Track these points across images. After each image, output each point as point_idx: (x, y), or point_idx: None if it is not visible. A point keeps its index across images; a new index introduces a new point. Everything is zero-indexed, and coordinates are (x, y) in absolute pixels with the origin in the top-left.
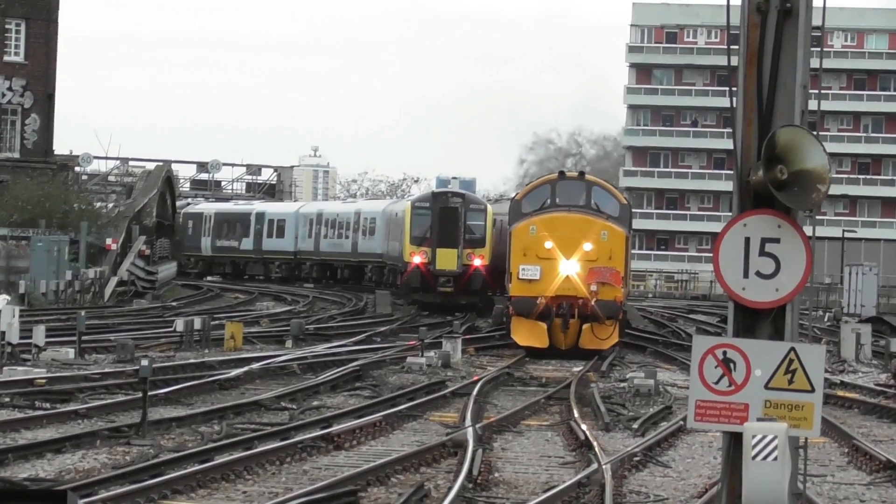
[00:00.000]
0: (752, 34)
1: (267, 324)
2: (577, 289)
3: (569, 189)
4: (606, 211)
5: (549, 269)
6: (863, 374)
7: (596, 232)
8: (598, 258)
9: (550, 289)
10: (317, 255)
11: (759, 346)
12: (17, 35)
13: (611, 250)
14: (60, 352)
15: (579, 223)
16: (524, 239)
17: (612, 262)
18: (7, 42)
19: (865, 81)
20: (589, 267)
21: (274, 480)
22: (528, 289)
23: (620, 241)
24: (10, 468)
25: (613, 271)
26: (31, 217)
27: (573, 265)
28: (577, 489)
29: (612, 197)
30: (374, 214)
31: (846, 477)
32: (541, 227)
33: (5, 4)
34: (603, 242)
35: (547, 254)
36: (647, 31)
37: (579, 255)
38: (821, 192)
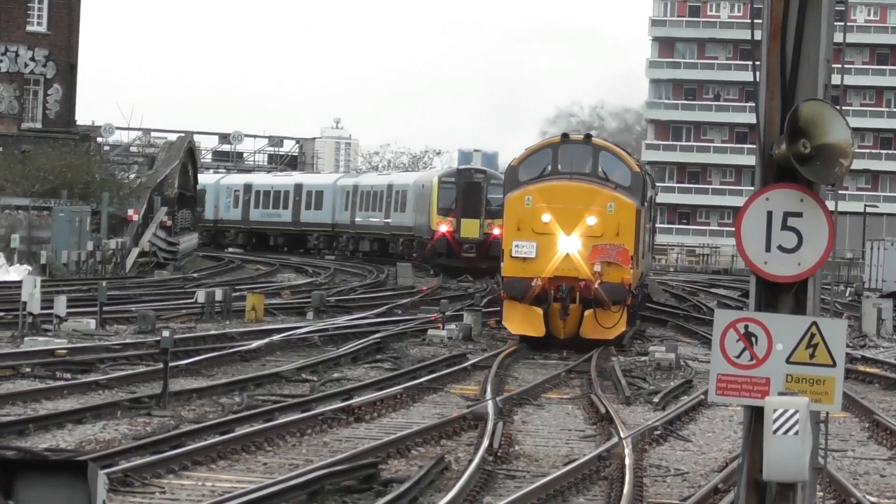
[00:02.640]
0: (776, 8)
1: (288, 295)
2: (579, 269)
3: (573, 154)
4: (615, 180)
5: (547, 245)
6: (884, 350)
7: (601, 203)
8: (604, 234)
9: (548, 269)
10: (352, 227)
11: (780, 321)
12: (39, 5)
13: (618, 225)
14: (81, 322)
15: (582, 193)
16: (518, 211)
17: (620, 238)
18: (30, 12)
19: (888, 56)
20: (592, 244)
21: (294, 452)
22: (523, 268)
23: (630, 214)
24: (31, 438)
25: (621, 249)
26: (52, 187)
27: (574, 242)
28: (598, 462)
29: (622, 163)
30: (404, 187)
31: (867, 452)
32: (537, 198)
33: None
34: (609, 216)
35: (544, 228)
36: (669, 5)
37: (581, 230)
38: (843, 166)
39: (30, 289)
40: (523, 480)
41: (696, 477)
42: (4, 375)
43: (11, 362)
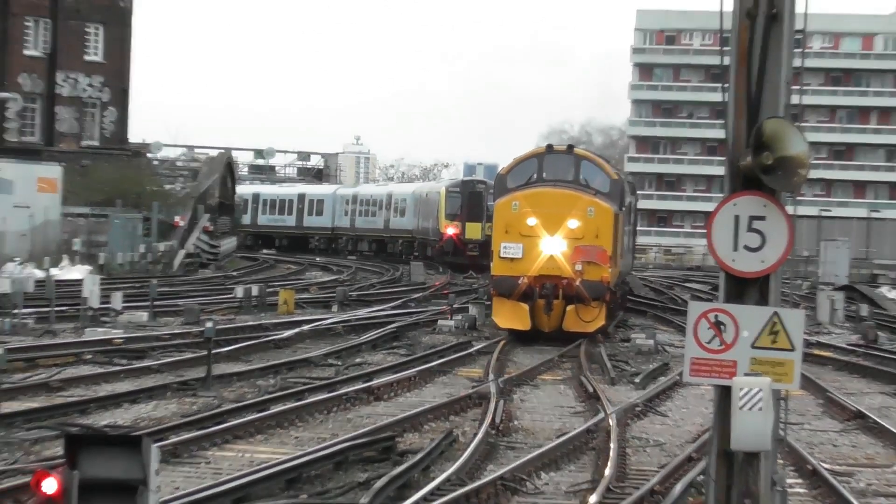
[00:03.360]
0: (743, 37)
1: (315, 291)
2: (562, 268)
3: (556, 163)
4: (595, 186)
5: (532, 247)
6: (836, 336)
7: (582, 208)
8: (585, 236)
9: (533, 268)
10: (352, 230)
11: (746, 311)
12: (96, 37)
13: (598, 228)
14: (135, 315)
15: (564, 199)
16: (506, 215)
17: (599, 240)
18: (87, 44)
19: (841, 79)
20: (574, 245)
21: (322, 427)
22: (510, 268)
23: (608, 217)
24: (92, 416)
25: (600, 250)
26: (109, 197)
27: (557, 243)
28: (587, 435)
29: (602, 172)
30: (402, 196)
31: (821, 425)
32: (523, 203)
33: (86, 11)
34: (590, 219)
35: (530, 231)
36: (649, 35)
37: (564, 232)
38: (802, 175)
39: (90, 286)
40: (522, 451)
41: (673, 447)
42: (68, 362)
43: (75, 350)
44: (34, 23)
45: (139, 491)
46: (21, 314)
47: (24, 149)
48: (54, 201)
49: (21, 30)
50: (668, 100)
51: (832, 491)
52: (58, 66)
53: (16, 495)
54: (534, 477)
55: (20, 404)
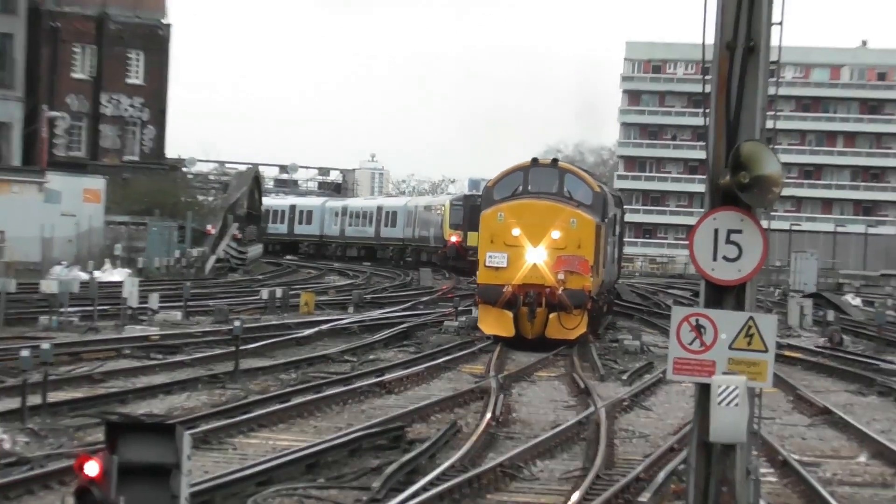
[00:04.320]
0: (723, 67)
1: (333, 293)
2: (544, 277)
3: (541, 176)
4: (578, 198)
5: (516, 256)
6: (805, 338)
7: (564, 219)
8: (567, 246)
9: (517, 277)
10: (342, 238)
11: (724, 315)
12: (137, 63)
13: (580, 238)
14: (170, 314)
15: (547, 210)
16: (492, 226)
17: (581, 250)
18: (129, 68)
19: (810, 105)
20: (557, 255)
21: (338, 417)
22: (495, 276)
23: (590, 229)
24: (130, 406)
25: (582, 260)
26: (147, 207)
27: (540, 253)
28: (578, 427)
29: (584, 184)
30: (394, 209)
31: (791, 419)
32: (508, 214)
33: (128, 38)
34: (572, 230)
35: (514, 241)
36: (637, 64)
37: (547, 242)
38: (776, 193)
39: (129, 287)
40: (519, 441)
41: (657, 439)
42: (109, 356)
43: (115, 345)
44: (81, 49)
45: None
46: (67, 312)
47: (71, 163)
48: (98, 211)
49: (69, 55)
50: (653, 123)
51: (801, 480)
52: (102, 88)
53: (60, 477)
54: (530, 464)
55: (65, 394)
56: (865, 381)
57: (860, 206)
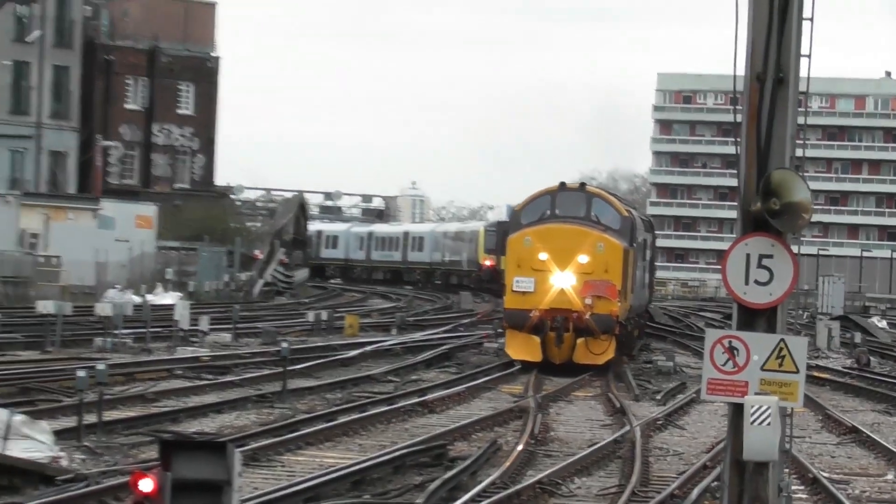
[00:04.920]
0: (753, 97)
1: (377, 316)
2: (572, 302)
3: (569, 200)
4: (606, 223)
5: (543, 281)
6: (833, 359)
7: (591, 244)
8: (594, 271)
9: (544, 301)
10: (367, 262)
11: (756, 338)
12: (187, 94)
13: (607, 263)
14: (220, 336)
15: (574, 235)
16: (519, 250)
17: (609, 275)
18: (180, 99)
19: (836, 134)
20: (584, 280)
21: (382, 436)
22: (522, 301)
23: (618, 253)
24: (182, 424)
25: (609, 284)
26: (197, 233)
27: (568, 277)
28: (614, 445)
29: (612, 209)
30: (421, 234)
31: (820, 438)
32: (535, 239)
33: (179, 71)
34: (599, 255)
35: (541, 265)
36: (668, 95)
37: (574, 267)
38: (805, 219)
39: (181, 310)
40: (557, 458)
41: (690, 456)
42: (161, 376)
43: (167, 366)
44: (134, 81)
45: (224, 490)
46: (121, 334)
47: (124, 190)
48: (150, 236)
49: (123, 87)
50: (684, 151)
51: (831, 497)
52: (154, 118)
53: (116, 493)
54: (568, 481)
55: (120, 413)
56: (892, 400)
57: (885, 231)
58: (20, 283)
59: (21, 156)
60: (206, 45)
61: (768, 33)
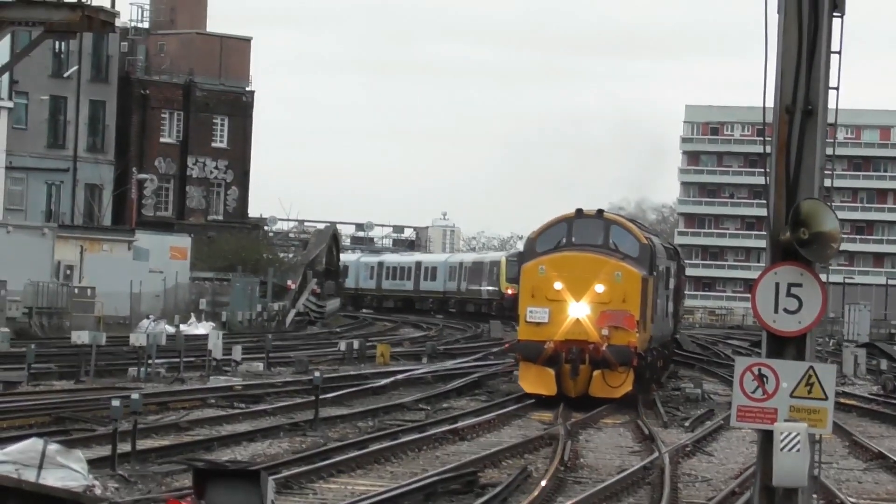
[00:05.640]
0: (782, 129)
1: (408, 345)
2: (588, 332)
3: (586, 228)
4: (624, 251)
5: (558, 311)
6: (860, 386)
7: (609, 273)
8: (611, 300)
9: (559, 332)
10: (378, 291)
11: (785, 365)
12: (222, 127)
13: (625, 292)
14: (253, 365)
15: (591, 263)
16: (533, 279)
17: (627, 304)
18: (214, 132)
19: (861, 164)
20: (600, 310)
21: (414, 464)
22: (536, 332)
23: (636, 282)
24: (215, 453)
25: (627, 315)
26: (230, 264)
27: (583, 307)
28: (643, 472)
29: (631, 236)
30: (434, 264)
31: (847, 464)
32: (550, 267)
33: (214, 105)
34: (617, 284)
35: (556, 295)
36: (696, 126)
37: (590, 296)
38: (834, 248)
39: (214, 340)
40: (587, 485)
41: (718, 483)
42: (195, 405)
43: (200, 395)
44: (169, 115)
45: None
46: (155, 364)
47: (159, 222)
48: (184, 267)
49: (159, 121)
50: (712, 182)
51: None
52: (189, 151)
53: None
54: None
55: (154, 442)
56: None
57: None
58: (55, 314)
59: (57, 188)
60: (241, 80)
61: (797, 66)
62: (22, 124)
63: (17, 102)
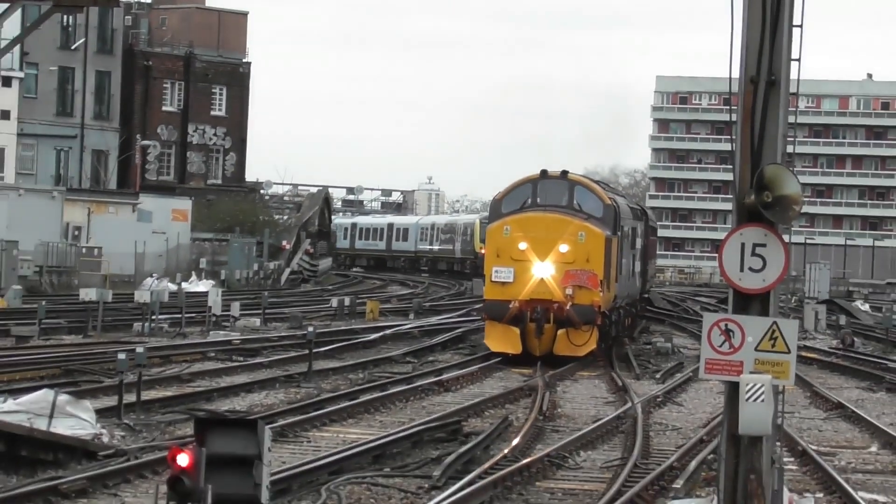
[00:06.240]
0: (747, 98)
1: (396, 302)
2: (552, 292)
3: (550, 189)
4: (587, 211)
5: (523, 271)
6: (820, 340)
7: (572, 233)
8: (575, 260)
9: (524, 292)
10: (351, 250)
11: (751, 320)
12: (220, 97)
13: (588, 252)
14: (250, 321)
15: (555, 223)
16: (498, 240)
17: (590, 264)
18: (213, 102)
19: (821, 132)
20: (564, 269)
21: (401, 413)
22: (501, 292)
23: (599, 242)
24: (215, 403)
25: (591, 274)
26: (229, 225)
27: (548, 267)
28: (617, 421)
29: (595, 196)
30: (406, 226)
31: (808, 414)
32: (514, 228)
33: (213, 76)
34: (580, 244)
35: (521, 255)
36: (666, 96)
37: (554, 256)
38: (796, 211)
39: (213, 297)
40: (564, 433)
41: (688, 431)
42: (196, 358)
43: (201, 349)
44: (171, 85)
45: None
46: (158, 320)
47: (161, 186)
48: (185, 228)
49: (161, 91)
50: (681, 148)
51: (819, 468)
52: (189, 119)
53: (154, 467)
54: (574, 455)
55: (157, 393)
56: (875, 378)
57: (867, 221)
58: (64, 273)
59: (66, 154)
60: (237, 52)
61: (761, 40)
62: (32, 93)
63: (27, 73)
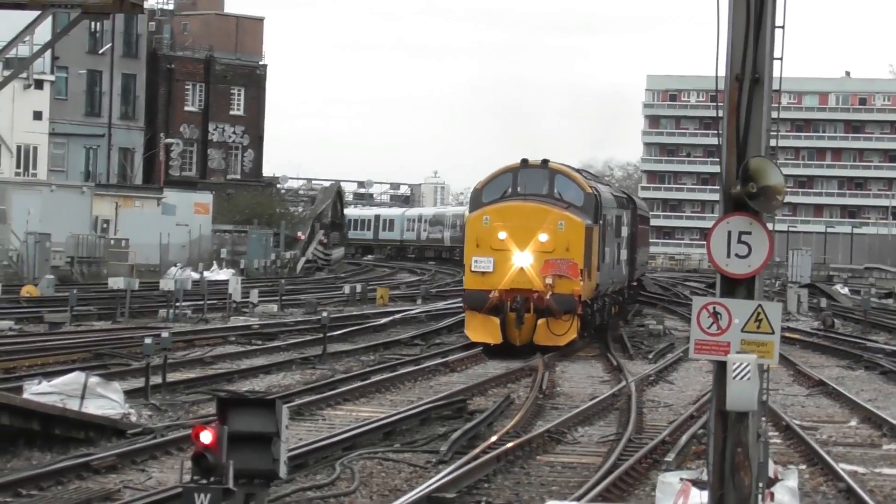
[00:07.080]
0: (733, 95)
1: (404, 288)
2: (532, 281)
3: (531, 177)
4: (568, 200)
5: (503, 260)
6: (802, 322)
7: (552, 222)
8: (555, 249)
9: (504, 282)
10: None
11: (737, 303)
12: (238, 97)
13: (569, 241)
14: (268, 307)
15: (534, 213)
16: (477, 229)
17: (570, 253)
18: (231, 101)
19: (803, 126)
20: (544, 259)
21: (410, 392)
22: (481, 282)
23: (579, 231)
24: (235, 384)
25: (570, 263)
26: (247, 217)
27: (527, 257)
28: (612, 398)
29: (575, 185)
30: (391, 217)
31: (792, 391)
32: (494, 217)
33: (232, 77)
34: (560, 233)
35: (500, 245)
36: (656, 94)
37: (534, 246)
38: (779, 200)
39: (233, 284)
40: (563, 410)
41: (679, 408)
42: (217, 342)
43: (222, 334)
44: (192, 86)
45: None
46: (181, 306)
47: (184, 181)
48: (206, 221)
49: (183, 91)
50: (671, 143)
51: (802, 441)
52: (210, 118)
53: (179, 444)
54: (573, 430)
55: (181, 375)
56: (854, 357)
57: (846, 210)
58: (94, 263)
59: (94, 152)
60: (255, 55)
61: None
62: (63, 95)
63: (58, 76)
